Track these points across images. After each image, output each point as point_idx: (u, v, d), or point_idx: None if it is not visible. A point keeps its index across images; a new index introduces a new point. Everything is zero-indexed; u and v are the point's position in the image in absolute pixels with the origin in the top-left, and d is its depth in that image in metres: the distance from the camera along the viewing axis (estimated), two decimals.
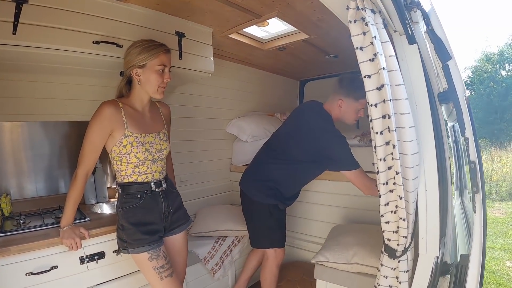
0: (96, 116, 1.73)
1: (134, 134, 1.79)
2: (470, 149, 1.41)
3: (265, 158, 2.54)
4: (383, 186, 1.48)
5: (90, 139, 1.74)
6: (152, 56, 1.78)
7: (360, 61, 1.38)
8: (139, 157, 1.80)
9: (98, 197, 2.57)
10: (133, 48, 1.81)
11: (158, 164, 1.91)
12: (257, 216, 2.53)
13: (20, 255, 1.64)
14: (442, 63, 1.46)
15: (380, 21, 1.40)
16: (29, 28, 1.74)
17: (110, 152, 1.83)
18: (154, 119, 1.95)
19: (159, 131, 1.93)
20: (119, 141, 1.77)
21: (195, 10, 2.37)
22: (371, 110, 1.40)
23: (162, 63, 1.81)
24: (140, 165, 1.84)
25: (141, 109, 1.89)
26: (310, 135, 2.33)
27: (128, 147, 1.78)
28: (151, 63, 1.79)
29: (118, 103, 1.80)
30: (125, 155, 1.79)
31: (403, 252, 1.58)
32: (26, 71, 2.23)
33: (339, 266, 2.28)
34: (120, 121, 1.76)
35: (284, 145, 2.45)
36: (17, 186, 2.30)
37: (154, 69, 1.80)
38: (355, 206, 2.97)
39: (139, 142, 1.80)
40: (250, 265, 2.83)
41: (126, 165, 1.82)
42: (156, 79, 1.81)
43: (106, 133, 1.75)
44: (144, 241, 1.79)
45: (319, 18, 2.52)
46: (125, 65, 1.84)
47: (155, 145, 1.87)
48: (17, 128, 2.28)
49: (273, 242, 2.53)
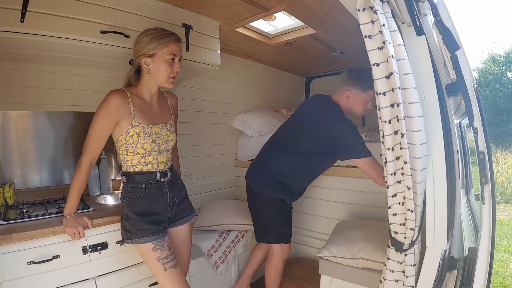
0: (103, 104, 1.71)
1: (141, 124, 1.77)
2: (479, 139, 1.40)
3: (273, 152, 2.51)
4: (391, 176, 1.47)
5: (96, 128, 1.73)
6: (162, 45, 1.74)
7: (368, 50, 1.37)
8: (145, 148, 1.79)
9: (103, 189, 2.56)
10: (143, 36, 1.77)
11: (164, 155, 1.90)
12: (264, 210, 2.51)
13: (22, 243, 1.64)
14: (450, 53, 1.44)
15: (388, 10, 1.40)
16: (37, 16, 1.74)
17: (117, 142, 1.82)
18: (161, 110, 1.93)
19: (166, 122, 1.92)
20: (125, 131, 1.75)
21: (203, 3, 2.37)
22: (379, 99, 1.39)
23: (172, 53, 1.77)
24: (146, 156, 1.82)
25: (149, 99, 1.87)
26: (322, 126, 2.30)
27: (135, 137, 1.76)
28: (161, 52, 1.75)
29: (126, 92, 1.78)
30: (131, 145, 1.77)
31: (410, 246, 1.56)
32: (33, 60, 2.23)
33: (344, 261, 2.26)
34: (127, 111, 1.74)
35: (294, 138, 2.42)
36: (21, 176, 2.30)
37: (164, 58, 1.76)
38: (361, 202, 2.95)
39: (146, 132, 1.78)
40: (255, 260, 2.82)
41: (132, 155, 1.81)
42: (165, 68, 1.77)
43: (112, 123, 1.73)
44: (148, 231, 1.78)
45: (326, 12, 2.51)
46: (135, 54, 1.81)
47: (161, 136, 1.85)
48: (23, 118, 2.28)
49: (280, 237, 2.51)
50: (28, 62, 2.23)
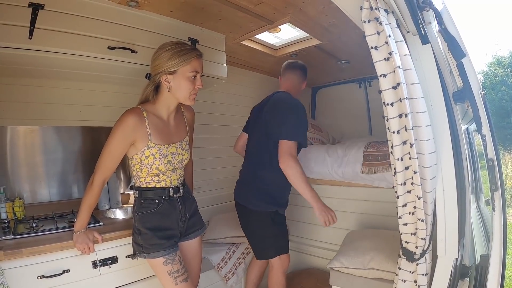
0: (119, 124, 1.66)
1: (157, 145, 1.74)
2: (488, 147, 1.40)
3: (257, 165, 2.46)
4: (401, 186, 1.47)
5: (111, 148, 1.68)
6: (184, 61, 1.68)
7: (375, 61, 1.38)
8: (160, 169, 1.77)
9: (112, 203, 2.57)
10: (162, 51, 1.69)
11: (178, 172, 1.89)
12: (259, 226, 2.45)
13: (32, 257, 1.64)
14: (456, 60, 1.45)
15: (393, 21, 1.41)
16: (45, 33, 1.77)
17: (131, 159, 1.78)
18: (178, 127, 1.89)
19: (182, 140, 1.89)
20: (141, 151, 1.72)
21: (208, 17, 2.39)
22: (387, 109, 1.40)
23: (195, 70, 1.71)
24: (160, 175, 1.81)
25: (166, 116, 1.82)
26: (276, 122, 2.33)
27: (150, 159, 1.73)
28: (183, 69, 1.69)
29: (142, 112, 1.72)
30: (146, 166, 1.75)
31: (421, 255, 1.55)
32: (41, 76, 2.26)
33: (355, 272, 2.24)
34: (143, 132, 1.70)
35: (264, 150, 2.40)
36: (31, 191, 2.31)
37: (186, 75, 1.70)
38: (370, 211, 2.93)
39: (161, 154, 1.75)
40: (252, 277, 2.73)
41: (146, 174, 1.79)
42: (187, 86, 1.72)
43: (128, 143, 1.69)
44: (160, 246, 1.77)
45: (331, 23, 2.51)
46: (154, 70, 1.74)
47: (177, 155, 1.83)
48: (32, 133, 2.31)
49: (279, 249, 2.45)
50: (36, 78, 2.27)
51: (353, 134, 4.03)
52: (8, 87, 2.19)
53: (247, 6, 2.24)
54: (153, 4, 2.13)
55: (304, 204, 3.28)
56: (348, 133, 4.18)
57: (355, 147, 2.92)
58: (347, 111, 4.38)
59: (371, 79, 4.05)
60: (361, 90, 4.22)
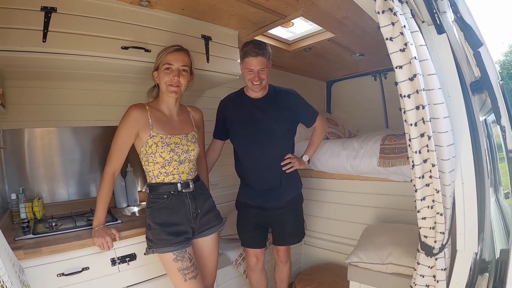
0: (123, 118, 1.82)
1: (160, 134, 1.84)
2: (508, 138, 1.37)
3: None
4: (419, 180, 1.44)
5: (117, 140, 1.82)
6: (161, 57, 1.88)
7: (390, 52, 1.35)
8: (164, 157, 1.83)
9: (129, 201, 2.60)
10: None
11: (186, 165, 1.92)
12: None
13: (51, 256, 1.67)
14: (473, 50, 1.42)
15: (408, 11, 1.39)
16: (58, 35, 1.80)
17: (139, 153, 1.89)
18: (183, 122, 1.98)
19: (187, 133, 1.95)
20: (145, 142, 1.82)
21: (220, 13, 2.39)
22: (404, 101, 1.37)
23: (167, 62, 1.86)
24: (166, 166, 1.86)
25: (168, 112, 1.95)
26: None
27: (153, 147, 1.82)
28: (161, 64, 1.88)
29: (144, 106, 1.88)
30: (151, 155, 1.83)
31: (440, 249, 1.53)
32: (57, 78, 2.30)
33: (373, 267, 2.21)
34: (145, 122, 1.83)
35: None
36: (49, 191, 2.36)
37: (162, 69, 1.87)
38: (388, 205, 2.88)
39: (164, 142, 1.84)
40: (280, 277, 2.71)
41: (153, 165, 1.86)
42: (163, 77, 1.87)
43: (132, 134, 1.82)
44: (168, 241, 1.80)
45: (343, 15, 2.49)
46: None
47: (181, 145, 1.89)
48: (49, 134, 2.35)
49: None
50: (51, 80, 2.31)
51: (369, 128, 4.01)
52: (23, 90, 2.23)
53: (259, 1, 2.24)
54: (165, 3, 2.15)
55: (321, 199, 3.28)
56: (364, 126, 4.17)
57: (372, 140, 2.90)
58: (362, 104, 4.36)
59: (386, 71, 4.02)
60: (376, 83, 4.19)
